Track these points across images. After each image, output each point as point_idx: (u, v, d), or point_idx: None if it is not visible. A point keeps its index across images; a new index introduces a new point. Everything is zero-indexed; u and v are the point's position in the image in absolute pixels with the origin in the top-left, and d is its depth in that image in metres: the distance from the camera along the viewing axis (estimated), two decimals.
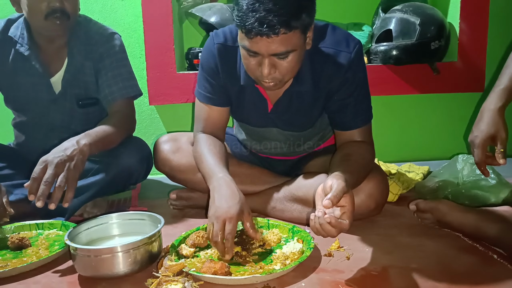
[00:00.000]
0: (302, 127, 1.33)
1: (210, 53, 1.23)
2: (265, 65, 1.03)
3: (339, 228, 0.91)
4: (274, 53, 1.01)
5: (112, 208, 1.51)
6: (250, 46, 1.01)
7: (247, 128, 1.39)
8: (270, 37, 0.97)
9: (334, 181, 0.93)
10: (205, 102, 1.28)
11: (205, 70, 1.25)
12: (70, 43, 1.42)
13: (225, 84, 1.24)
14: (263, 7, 0.95)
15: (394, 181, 1.49)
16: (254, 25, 0.96)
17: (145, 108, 1.99)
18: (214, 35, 1.23)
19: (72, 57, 1.43)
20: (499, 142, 1.12)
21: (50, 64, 1.44)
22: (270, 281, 0.95)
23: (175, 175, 1.43)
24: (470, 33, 1.89)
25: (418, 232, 1.21)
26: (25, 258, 1.09)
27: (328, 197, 0.90)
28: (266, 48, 1.00)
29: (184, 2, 1.90)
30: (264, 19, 0.95)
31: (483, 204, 1.35)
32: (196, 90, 1.31)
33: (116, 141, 1.38)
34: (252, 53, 1.03)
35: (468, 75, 1.91)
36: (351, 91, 1.18)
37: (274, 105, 1.25)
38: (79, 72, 1.45)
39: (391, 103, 2.05)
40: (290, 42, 1.00)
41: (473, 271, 0.98)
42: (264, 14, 0.95)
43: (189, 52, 1.88)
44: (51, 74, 1.44)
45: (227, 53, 1.20)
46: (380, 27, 1.87)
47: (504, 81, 1.14)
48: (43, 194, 1.10)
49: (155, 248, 1.03)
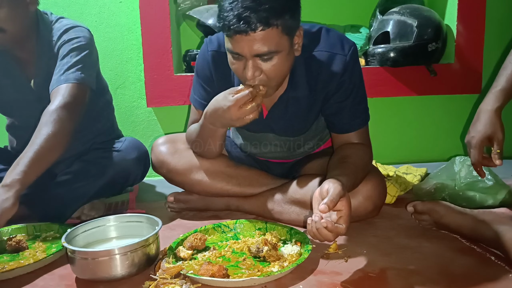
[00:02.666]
0: (298, 132, 1.33)
1: (204, 60, 1.24)
2: (249, 67, 1.03)
3: (335, 233, 0.91)
4: (256, 53, 1.01)
5: (109, 211, 1.51)
6: (232, 48, 1.02)
7: (243, 133, 1.40)
8: (248, 34, 0.98)
9: (331, 185, 0.93)
10: (200, 108, 1.29)
11: (200, 77, 1.26)
12: (37, 45, 1.39)
13: (218, 90, 1.23)
14: (241, 4, 0.97)
15: (391, 183, 1.50)
16: (231, 22, 0.97)
17: (142, 110, 1.99)
18: (208, 41, 1.23)
19: (39, 60, 1.39)
20: (495, 143, 1.13)
21: (27, 66, 1.41)
22: (268, 283, 0.95)
23: (173, 177, 1.42)
24: (467, 35, 1.90)
25: (416, 234, 1.21)
26: (22, 260, 1.09)
27: (324, 202, 0.90)
28: (248, 47, 1.00)
29: (182, 4, 1.90)
30: (241, 15, 0.96)
31: (480, 206, 1.35)
32: (191, 96, 1.32)
33: (61, 143, 1.24)
34: (236, 55, 1.03)
35: (465, 77, 1.92)
36: (348, 94, 1.18)
37: (269, 111, 1.25)
38: (47, 73, 1.37)
39: (388, 105, 2.05)
40: (272, 41, 1.00)
41: (471, 272, 0.98)
42: (242, 11, 0.96)
43: (186, 54, 1.88)
44: (30, 77, 1.41)
45: (221, 60, 1.19)
46: (378, 29, 1.87)
47: (501, 82, 1.14)
48: None
49: (152, 250, 1.03)
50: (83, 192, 1.35)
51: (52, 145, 1.21)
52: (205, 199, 1.42)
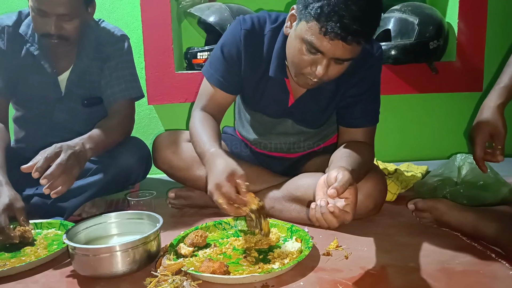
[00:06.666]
0: (316, 123, 1.34)
1: (234, 38, 1.20)
2: (323, 66, 1.01)
3: (341, 219, 0.89)
4: (339, 57, 0.99)
5: (110, 208, 1.51)
6: (318, 45, 0.98)
7: (260, 118, 1.36)
8: (350, 44, 0.96)
9: (340, 172, 0.92)
10: (215, 84, 1.25)
11: (224, 54, 1.22)
12: (80, 44, 1.43)
13: (244, 71, 1.22)
14: (351, 14, 0.93)
15: (392, 181, 1.50)
16: (338, 29, 0.93)
17: (143, 107, 1.99)
18: (242, 20, 1.20)
19: (79, 59, 1.44)
20: (497, 139, 1.14)
21: (59, 63, 1.45)
22: (268, 280, 0.95)
23: (174, 173, 1.42)
24: (469, 32, 1.89)
25: (417, 232, 1.21)
26: (24, 257, 1.09)
27: (334, 186, 0.88)
28: (335, 51, 0.98)
29: (183, 1, 1.90)
30: (350, 27, 0.93)
31: (481, 203, 1.35)
32: (206, 69, 1.26)
33: (114, 143, 1.40)
34: (315, 51, 1.00)
35: (466, 75, 1.91)
36: (365, 89, 1.20)
37: (296, 100, 1.25)
38: (85, 73, 1.45)
39: (390, 103, 2.04)
40: (357, 51, 1.00)
41: (471, 270, 0.98)
42: (351, 21, 0.93)
43: (187, 51, 1.88)
44: (58, 73, 1.45)
45: (254, 40, 1.18)
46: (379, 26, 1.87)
47: (505, 79, 1.15)
48: (52, 174, 1.11)
49: (153, 247, 1.03)
50: (85, 190, 1.35)
51: (110, 141, 1.37)
52: (206, 196, 1.41)
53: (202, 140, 1.14)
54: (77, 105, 1.49)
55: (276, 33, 1.18)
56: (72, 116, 1.50)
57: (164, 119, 2.02)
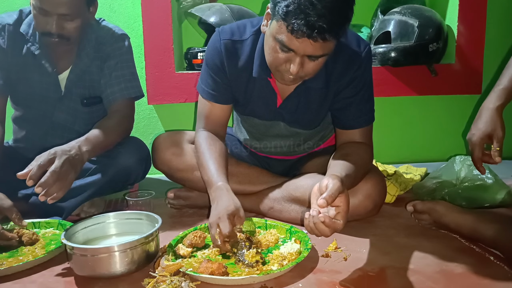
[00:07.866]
0: (309, 124, 1.33)
1: (215, 50, 1.22)
2: (296, 63, 1.02)
3: (332, 228, 0.91)
4: (310, 54, 1.00)
5: (109, 208, 1.51)
6: (288, 43, 0.99)
7: (253, 121, 1.37)
8: (317, 41, 0.96)
9: (330, 181, 0.93)
10: (208, 99, 1.27)
11: (209, 67, 1.24)
12: (80, 44, 1.43)
13: (231, 80, 1.23)
14: (315, 11, 0.93)
15: (391, 182, 1.50)
16: (303, 27, 0.94)
17: (143, 107, 1.99)
18: (221, 31, 1.22)
19: (79, 58, 1.43)
20: (495, 141, 1.14)
21: (59, 62, 1.44)
22: (267, 282, 0.95)
23: (173, 174, 1.42)
24: (468, 35, 1.90)
25: (416, 233, 1.21)
26: (21, 257, 1.09)
27: (323, 197, 0.90)
28: (305, 49, 0.99)
29: (184, 2, 1.90)
30: (315, 24, 0.94)
31: (480, 206, 1.36)
32: (199, 85, 1.29)
33: (113, 143, 1.39)
34: (286, 49, 1.01)
35: (465, 77, 1.92)
36: (357, 90, 1.20)
37: (284, 100, 1.25)
38: (85, 72, 1.45)
39: (389, 105, 2.05)
40: (329, 47, 1.00)
41: (470, 272, 0.98)
42: (316, 19, 0.93)
43: (188, 52, 1.88)
44: (58, 72, 1.45)
45: (235, 48, 1.20)
46: (379, 29, 1.87)
47: (504, 81, 1.16)
48: (46, 182, 1.09)
49: (152, 247, 1.03)
50: (84, 190, 1.35)
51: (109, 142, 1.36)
52: (205, 196, 1.41)
53: (210, 170, 1.17)
54: (77, 105, 1.48)
55: (259, 34, 1.20)
56: (72, 115, 1.49)
57: (164, 119, 2.02)
